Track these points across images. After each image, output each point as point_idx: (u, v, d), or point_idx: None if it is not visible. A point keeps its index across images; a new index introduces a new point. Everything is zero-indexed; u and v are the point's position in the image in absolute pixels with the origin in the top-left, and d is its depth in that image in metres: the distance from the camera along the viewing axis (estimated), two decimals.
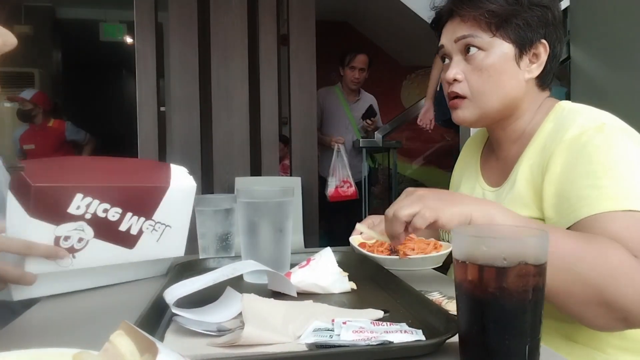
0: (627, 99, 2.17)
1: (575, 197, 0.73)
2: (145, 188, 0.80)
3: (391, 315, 0.63)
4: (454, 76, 0.88)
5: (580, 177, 0.74)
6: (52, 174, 0.71)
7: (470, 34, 0.86)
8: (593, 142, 0.75)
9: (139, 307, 0.63)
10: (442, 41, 0.92)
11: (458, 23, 0.88)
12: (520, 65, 0.86)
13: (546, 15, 0.85)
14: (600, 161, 0.74)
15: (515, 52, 0.85)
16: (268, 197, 0.84)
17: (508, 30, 0.84)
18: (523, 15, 0.84)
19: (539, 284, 0.45)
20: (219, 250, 1.00)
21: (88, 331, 0.63)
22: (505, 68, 0.85)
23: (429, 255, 0.98)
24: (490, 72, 0.85)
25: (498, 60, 0.85)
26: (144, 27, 2.74)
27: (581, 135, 0.77)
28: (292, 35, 2.92)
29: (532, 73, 0.87)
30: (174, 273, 0.83)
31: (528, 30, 0.85)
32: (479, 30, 0.85)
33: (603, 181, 0.72)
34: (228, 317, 0.62)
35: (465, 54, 0.87)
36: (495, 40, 0.84)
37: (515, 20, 0.84)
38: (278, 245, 0.85)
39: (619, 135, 0.77)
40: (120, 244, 0.78)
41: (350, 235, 1.13)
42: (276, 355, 0.50)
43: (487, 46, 0.85)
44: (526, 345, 0.45)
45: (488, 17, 0.84)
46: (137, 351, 0.37)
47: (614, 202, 0.70)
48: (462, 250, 0.47)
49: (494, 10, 0.83)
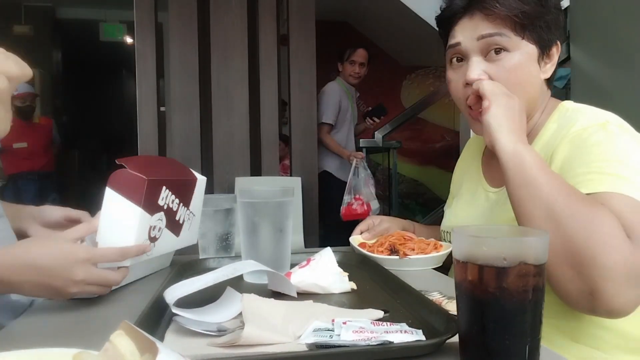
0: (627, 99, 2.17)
1: (576, 183, 0.73)
2: (188, 181, 0.86)
3: (391, 315, 0.63)
4: (478, 77, 0.82)
5: (581, 167, 0.74)
6: (145, 169, 0.74)
7: (498, 33, 0.81)
8: (595, 137, 0.76)
9: (139, 307, 0.63)
10: (458, 38, 0.85)
11: (481, 20, 0.83)
12: (540, 66, 0.85)
13: (559, 17, 0.86)
14: (602, 153, 0.74)
15: (538, 53, 0.84)
16: (268, 197, 0.84)
17: (534, 32, 0.83)
18: (546, 17, 0.83)
19: (539, 284, 0.45)
20: (219, 250, 1.00)
21: (88, 331, 0.63)
22: (530, 69, 0.84)
23: (429, 255, 0.98)
24: (516, 72, 0.82)
25: (525, 62, 0.83)
26: (144, 27, 2.74)
27: (583, 131, 0.78)
28: (292, 35, 2.92)
29: (546, 73, 0.87)
30: (174, 273, 0.83)
31: (548, 32, 0.84)
32: (507, 30, 0.81)
33: (605, 170, 0.72)
34: (228, 317, 0.62)
35: (486, 53, 0.83)
36: (522, 41, 0.82)
37: (539, 22, 0.83)
38: (278, 245, 0.85)
39: (621, 132, 0.77)
40: (174, 232, 0.83)
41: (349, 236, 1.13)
42: (276, 355, 0.50)
43: (514, 47, 0.82)
44: (526, 345, 0.45)
45: (520, 19, 0.81)
46: (137, 351, 0.37)
47: (616, 185, 0.69)
48: (462, 250, 0.47)
49: (527, 11, 0.81)
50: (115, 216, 0.71)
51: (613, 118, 0.80)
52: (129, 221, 0.71)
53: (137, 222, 0.71)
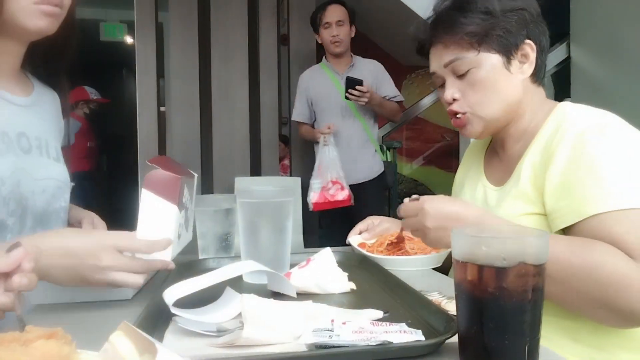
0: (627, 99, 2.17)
1: (580, 194, 0.74)
2: (192, 178, 0.86)
3: (391, 315, 0.63)
4: (452, 96, 0.90)
5: (584, 175, 0.75)
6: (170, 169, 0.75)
7: (456, 58, 0.88)
8: (594, 140, 0.77)
9: (139, 307, 0.63)
10: (432, 67, 0.94)
11: (442, 49, 0.90)
12: (512, 70, 0.88)
13: (523, 16, 0.87)
14: (604, 159, 0.75)
15: (503, 60, 0.87)
16: (268, 197, 0.84)
17: (490, 43, 0.86)
18: (500, 25, 0.86)
19: (538, 284, 0.45)
20: (218, 250, 1.00)
21: (88, 331, 0.63)
22: (497, 77, 0.88)
23: (429, 255, 0.98)
24: (485, 84, 0.88)
25: (489, 73, 0.87)
26: (144, 27, 2.74)
27: (583, 133, 0.78)
28: (292, 35, 2.92)
29: (525, 73, 0.89)
30: (174, 273, 0.83)
31: (509, 37, 0.87)
32: (462, 52, 0.87)
33: (605, 180, 0.73)
34: (227, 318, 0.62)
35: (457, 74, 0.89)
36: (481, 55, 0.87)
37: (494, 32, 0.86)
38: (278, 245, 0.85)
39: (621, 133, 0.78)
40: (186, 229, 0.84)
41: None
42: (276, 355, 0.50)
43: (476, 63, 0.87)
44: (525, 345, 0.45)
45: (468, 38, 0.86)
46: (136, 351, 0.37)
47: (617, 200, 0.71)
48: (462, 250, 0.47)
49: (472, 31, 0.86)
50: (154, 217, 0.73)
51: (611, 118, 0.81)
52: (167, 220, 0.73)
53: (175, 220, 0.73)
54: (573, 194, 0.75)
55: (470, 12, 0.86)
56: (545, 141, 0.85)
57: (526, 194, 0.84)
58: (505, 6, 0.86)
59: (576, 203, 0.75)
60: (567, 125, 0.81)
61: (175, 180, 0.73)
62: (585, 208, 0.73)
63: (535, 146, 0.86)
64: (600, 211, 0.71)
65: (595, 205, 0.72)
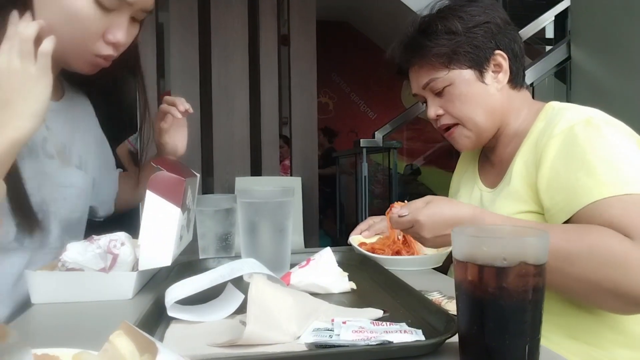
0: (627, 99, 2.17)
1: (572, 187, 0.75)
2: (194, 179, 0.88)
3: (391, 315, 0.63)
4: (435, 113, 0.96)
5: (574, 168, 0.76)
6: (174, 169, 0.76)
7: (431, 79, 0.93)
8: (583, 134, 0.78)
9: (139, 307, 0.63)
10: (413, 90, 1.00)
11: (417, 71, 0.96)
12: (487, 81, 0.91)
13: (489, 29, 0.90)
14: (592, 151, 0.76)
15: (476, 73, 0.91)
16: (268, 197, 0.84)
17: (460, 60, 0.90)
18: (466, 42, 0.89)
19: (538, 284, 0.45)
20: (219, 250, 1.00)
21: (88, 331, 0.63)
22: (473, 91, 0.91)
23: (429, 255, 0.98)
24: (462, 99, 0.91)
25: (464, 88, 0.91)
26: (144, 27, 2.74)
27: (571, 128, 0.80)
28: (292, 35, 2.92)
29: (501, 82, 0.92)
30: (174, 273, 0.83)
31: (478, 52, 0.90)
32: (435, 72, 0.92)
33: (597, 169, 0.74)
34: (226, 315, 0.62)
35: (435, 92, 0.94)
36: (453, 72, 0.91)
37: (461, 50, 0.89)
38: (278, 245, 0.85)
39: (607, 127, 0.79)
40: (188, 230, 0.85)
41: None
42: (276, 355, 0.50)
43: (449, 80, 0.91)
44: (526, 345, 0.45)
45: (436, 59, 0.90)
46: (136, 351, 0.37)
47: (610, 188, 0.72)
48: (462, 250, 0.47)
49: (438, 52, 0.90)
50: (157, 218, 0.73)
51: (596, 113, 0.82)
52: (170, 222, 0.74)
53: (177, 222, 0.74)
54: (567, 187, 0.76)
55: (434, 35, 0.91)
56: (536, 140, 0.86)
57: (518, 193, 0.85)
58: (469, 23, 0.90)
59: (570, 196, 0.75)
60: (555, 122, 0.83)
61: (179, 182, 0.74)
62: (579, 199, 0.74)
63: (526, 146, 0.88)
64: (595, 199, 0.72)
65: (590, 194, 0.73)
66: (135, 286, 0.76)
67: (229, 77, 2.82)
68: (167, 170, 0.74)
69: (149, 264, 0.75)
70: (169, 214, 0.74)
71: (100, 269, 0.74)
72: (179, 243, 0.78)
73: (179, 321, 0.60)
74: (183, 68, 2.78)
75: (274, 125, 2.90)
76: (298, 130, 2.94)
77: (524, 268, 0.44)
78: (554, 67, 2.77)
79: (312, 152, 2.96)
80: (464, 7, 0.92)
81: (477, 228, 0.60)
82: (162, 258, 0.74)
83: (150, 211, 0.73)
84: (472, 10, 0.91)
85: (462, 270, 0.47)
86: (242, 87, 2.83)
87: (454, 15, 0.91)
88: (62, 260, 0.74)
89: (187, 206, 0.80)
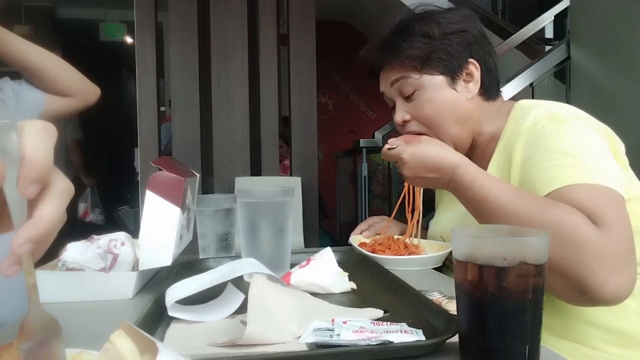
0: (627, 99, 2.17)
1: (536, 178, 0.75)
2: (194, 178, 0.87)
3: (391, 315, 0.63)
4: (402, 118, 0.94)
5: (539, 160, 0.76)
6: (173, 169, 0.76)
7: (401, 76, 0.91)
8: (547, 128, 0.78)
9: (139, 307, 0.63)
10: (381, 88, 0.98)
11: (388, 70, 0.94)
12: (458, 89, 0.91)
13: (465, 38, 0.90)
14: (557, 144, 0.76)
15: (448, 80, 0.90)
16: (268, 197, 0.84)
17: (433, 65, 0.89)
18: (441, 48, 0.89)
19: (539, 284, 0.45)
20: (219, 250, 1.00)
21: (88, 331, 0.63)
22: (443, 97, 0.90)
23: (429, 255, 0.98)
24: (431, 105, 0.90)
25: (434, 93, 0.90)
26: (144, 27, 2.74)
27: (535, 124, 0.80)
28: (292, 35, 2.92)
29: (471, 92, 0.91)
30: (174, 273, 0.83)
31: (452, 58, 0.89)
32: (407, 72, 0.91)
33: (562, 161, 0.74)
34: (226, 314, 0.62)
35: (404, 95, 0.93)
36: (425, 77, 0.90)
37: (435, 55, 0.89)
38: (278, 245, 0.85)
39: (573, 120, 0.79)
40: (188, 229, 0.85)
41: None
42: (276, 355, 0.50)
43: (421, 84, 0.90)
44: (526, 345, 0.45)
45: (409, 62, 0.89)
46: (137, 351, 0.37)
47: (575, 177, 0.71)
48: (462, 250, 0.47)
49: (412, 54, 0.89)
50: (157, 218, 0.74)
51: (563, 108, 0.82)
52: (170, 222, 0.74)
53: (177, 222, 0.74)
54: (531, 179, 0.76)
55: (410, 36, 0.90)
56: (505, 142, 0.87)
57: None
58: (446, 29, 0.89)
59: (534, 187, 0.75)
60: (522, 121, 0.83)
61: (179, 182, 0.74)
62: (542, 187, 0.73)
63: (499, 149, 0.89)
64: (558, 186, 0.71)
65: (552, 182, 0.72)
66: (136, 286, 0.76)
67: (228, 77, 2.82)
68: (166, 169, 0.74)
69: (149, 263, 0.75)
70: (169, 214, 0.74)
71: (100, 269, 0.74)
72: (179, 243, 0.78)
73: (180, 321, 0.60)
74: (182, 68, 2.78)
75: (274, 126, 2.90)
76: (298, 130, 2.94)
77: (524, 268, 0.44)
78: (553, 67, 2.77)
79: (312, 152, 2.96)
80: (442, 14, 0.92)
81: (477, 228, 0.60)
82: (162, 258, 0.74)
83: (150, 211, 0.73)
84: (450, 17, 0.91)
85: (462, 270, 0.47)
86: (242, 87, 2.83)
87: (432, 20, 0.90)
88: (62, 260, 0.74)
89: (187, 206, 0.80)
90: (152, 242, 0.74)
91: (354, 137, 5.00)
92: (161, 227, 0.74)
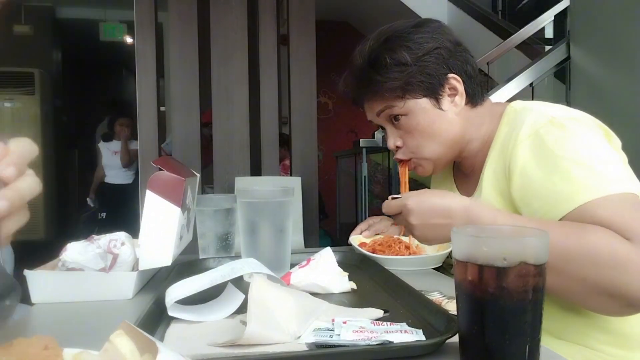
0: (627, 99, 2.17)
1: (549, 194, 0.73)
2: (194, 178, 0.87)
3: (391, 315, 0.63)
4: (395, 144, 0.94)
5: (547, 173, 0.74)
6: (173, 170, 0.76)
7: (385, 106, 0.90)
8: (549, 136, 0.76)
9: (139, 307, 0.63)
10: (368, 117, 0.97)
11: (373, 100, 0.93)
12: (443, 107, 0.89)
13: (440, 55, 0.87)
14: (563, 154, 0.74)
15: (432, 101, 0.88)
16: (268, 197, 0.84)
17: (414, 90, 0.87)
18: (418, 71, 0.86)
19: (539, 284, 0.45)
20: (219, 250, 1.00)
21: (88, 331, 0.63)
22: (430, 119, 0.89)
23: (429, 255, 0.98)
24: (419, 129, 0.89)
25: (421, 117, 0.89)
26: (144, 27, 2.74)
27: (536, 132, 0.78)
28: (292, 35, 2.92)
29: (458, 105, 0.90)
30: (174, 273, 0.83)
31: (431, 79, 0.87)
32: (389, 101, 0.89)
33: (572, 173, 0.72)
34: (226, 314, 0.62)
35: (393, 122, 0.92)
36: (408, 102, 0.88)
37: (414, 80, 0.87)
38: (278, 245, 0.85)
39: (573, 125, 0.77)
40: (188, 229, 0.85)
41: None
42: (276, 355, 0.50)
43: (406, 110, 0.89)
44: (526, 345, 0.45)
45: (389, 94, 0.88)
46: (137, 351, 0.37)
47: (593, 190, 0.69)
48: (462, 250, 0.47)
49: (391, 87, 0.87)
50: (157, 218, 0.74)
51: (560, 111, 0.80)
52: (170, 222, 0.74)
53: (177, 222, 0.74)
54: (544, 194, 0.74)
55: (384, 69, 0.87)
56: (500, 147, 0.85)
57: (490, 203, 0.84)
58: (418, 52, 0.87)
59: (551, 203, 0.73)
60: (518, 125, 0.81)
61: (179, 182, 0.74)
62: (561, 206, 0.71)
63: (494, 153, 0.87)
64: (579, 204, 0.69)
65: (571, 200, 0.70)
66: (136, 286, 0.76)
67: (228, 77, 2.82)
68: (166, 169, 0.74)
69: (149, 263, 0.75)
70: (169, 214, 0.74)
71: (100, 269, 0.74)
72: (179, 243, 0.78)
73: (180, 321, 0.60)
74: (182, 68, 2.78)
75: (274, 125, 2.90)
76: (298, 130, 2.94)
77: (524, 268, 0.44)
78: (553, 67, 2.77)
79: (312, 152, 2.96)
80: (411, 35, 0.87)
81: (477, 228, 0.60)
82: (162, 258, 0.74)
83: (150, 211, 0.74)
84: (419, 38, 0.87)
85: (462, 270, 0.47)
86: (242, 87, 2.83)
87: (401, 46, 0.87)
88: (62, 260, 0.74)
89: (187, 206, 0.80)
90: (152, 242, 0.74)
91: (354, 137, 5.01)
92: (161, 227, 0.74)
